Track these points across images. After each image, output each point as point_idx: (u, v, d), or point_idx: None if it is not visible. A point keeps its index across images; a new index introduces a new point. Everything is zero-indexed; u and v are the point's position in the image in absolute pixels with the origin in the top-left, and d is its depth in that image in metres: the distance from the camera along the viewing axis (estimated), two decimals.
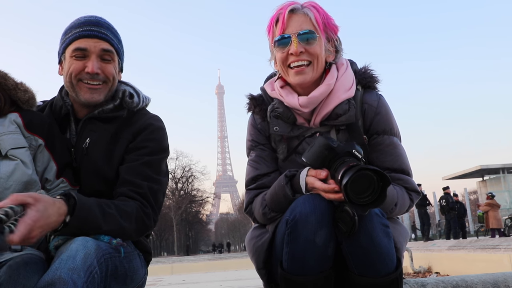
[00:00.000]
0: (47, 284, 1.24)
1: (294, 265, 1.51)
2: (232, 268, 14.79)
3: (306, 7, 1.71)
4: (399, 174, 1.73)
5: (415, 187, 1.75)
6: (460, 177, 35.94)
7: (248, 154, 1.88)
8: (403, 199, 1.70)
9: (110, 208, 1.54)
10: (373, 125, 1.75)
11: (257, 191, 1.77)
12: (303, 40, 1.67)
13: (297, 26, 1.68)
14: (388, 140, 1.75)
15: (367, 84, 1.79)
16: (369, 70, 1.81)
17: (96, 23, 1.77)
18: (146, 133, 1.77)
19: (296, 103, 1.70)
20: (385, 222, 1.51)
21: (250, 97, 1.88)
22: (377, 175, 1.38)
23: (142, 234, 1.68)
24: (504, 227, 20.58)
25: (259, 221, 1.76)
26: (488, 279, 2.02)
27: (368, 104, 1.75)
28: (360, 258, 1.49)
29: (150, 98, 1.93)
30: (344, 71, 1.75)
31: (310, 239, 1.46)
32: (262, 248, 1.68)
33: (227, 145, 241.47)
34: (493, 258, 9.84)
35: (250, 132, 1.88)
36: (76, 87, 1.74)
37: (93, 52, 1.73)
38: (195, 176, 61.63)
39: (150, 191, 1.67)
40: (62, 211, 1.37)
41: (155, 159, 1.75)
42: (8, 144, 1.56)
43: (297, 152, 1.75)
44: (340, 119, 1.70)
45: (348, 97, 1.70)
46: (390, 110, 1.80)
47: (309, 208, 1.48)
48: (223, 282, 8.79)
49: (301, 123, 1.76)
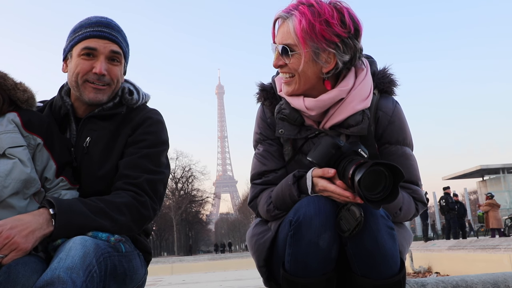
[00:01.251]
0: (46, 283, 1.23)
1: (296, 267, 1.50)
2: (232, 268, 14.79)
3: (293, 13, 1.58)
4: (409, 184, 1.72)
5: (422, 198, 1.73)
6: (460, 177, 35.96)
7: (255, 146, 1.84)
8: (409, 206, 1.68)
9: (97, 203, 1.54)
10: (385, 134, 1.71)
11: (263, 187, 1.76)
12: (282, 54, 1.62)
13: (279, 38, 1.63)
14: (401, 150, 1.71)
15: (384, 89, 1.72)
16: (388, 73, 1.73)
17: (107, 24, 1.77)
18: (145, 127, 1.77)
19: (302, 105, 1.64)
20: (390, 224, 1.50)
21: (261, 88, 1.81)
22: (389, 170, 1.37)
23: (142, 225, 1.66)
24: (504, 227, 20.58)
25: (262, 216, 1.76)
26: (488, 279, 2.02)
27: (382, 112, 1.70)
28: (364, 260, 1.48)
29: (150, 95, 1.93)
30: (362, 78, 1.66)
31: (313, 242, 1.45)
32: (264, 247, 1.68)
33: (227, 145, 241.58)
34: (493, 258, 9.85)
35: (259, 125, 1.82)
36: (81, 87, 1.74)
37: (102, 53, 1.73)
38: (195, 176, 61.67)
39: (147, 181, 1.66)
40: (39, 234, 1.42)
41: (154, 151, 1.74)
42: (6, 143, 1.56)
43: (302, 152, 1.73)
44: (351, 129, 1.64)
45: (363, 108, 1.63)
46: (404, 119, 1.75)
47: (313, 210, 1.46)
48: (223, 282, 8.79)
49: (309, 124, 1.71)
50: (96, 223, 1.49)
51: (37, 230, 1.42)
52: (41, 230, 1.43)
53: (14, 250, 1.35)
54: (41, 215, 1.46)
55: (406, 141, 1.73)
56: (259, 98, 1.81)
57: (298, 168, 1.67)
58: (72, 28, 1.81)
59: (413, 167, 1.73)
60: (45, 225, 1.44)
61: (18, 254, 1.36)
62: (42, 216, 1.46)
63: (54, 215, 1.46)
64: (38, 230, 1.42)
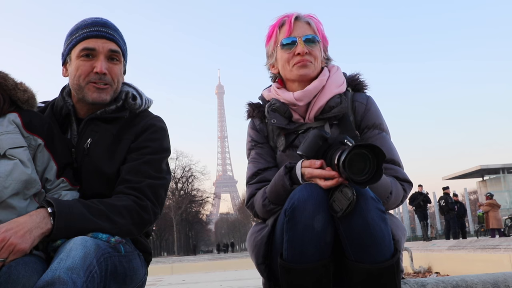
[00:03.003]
0: (46, 283, 1.23)
1: (293, 253, 1.53)
2: (232, 268, 14.79)
3: (307, 17, 1.92)
4: (390, 164, 1.81)
5: (406, 177, 1.83)
6: (460, 177, 35.98)
7: (248, 155, 1.98)
8: (397, 189, 1.75)
9: (97, 205, 1.54)
10: (364, 120, 1.88)
11: (259, 185, 1.84)
12: (307, 43, 1.85)
13: (302, 31, 1.87)
14: (379, 133, 1.86)
15: (356, 87, 1.95)
16: (358, 76, 1.97)
17: (103, 24, 1.78)
18: (148, 133, 1.78)
19: (291, 97, 1.84)
20: (381, 207, 1.53)
21: (249, 104, 2.03)
22: (371, 152, 1.44)
23: (142, 228, 1.67)
24: (504, 227, 20.58)
25: (259, 214, 1.81)
26: (488, 279, 2.02)
27: (358, 102, 1.90)
28: (356, 241, 1.51)
29: (152, 100, 1.94)
30: (335, 71, 1.93)
31: (308, 224, 1.49)
32: (262, 242, 1.71)
33: (227, 145, 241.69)
34: (493, 258, 9.84)
35: (250, 134, 1.99)
36: (84, 88, 1.75)
37: (101, 52, 1.74)
38: (195, 176, 61.57)
39: (149, 185, 1.67)
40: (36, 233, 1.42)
41: (156, 158, 1.75)
42: (6, 144, 1.56)
43: (294, 146, 1.85)
44: (333, 111, 1.82)
45: (340, 92, 1.86)
46: (378, 109, 1.93)
47: (306, 194, 1.51)
48: (223, 282, 8.79)
49: (296, 119, 1.88)
50: (96, 225, 1.49)
51: (34, 229, 1.42)
52: (38, 228, 1.42)
53: (12, 251, 1.35)
54: (38, 214, 1.46)
55: (383, 127, 1.89)
56: (248, 114, 2.03)
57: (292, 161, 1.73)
58: (68, 32, 1.81)
59: (392, 148, 1.86)
60: (42, 223, 1.44)
61: (17, 255, 1.36)
62: (39, 215, 1.46)
63: (53, 213, 1.45)
64: (35, 229, 1.42)
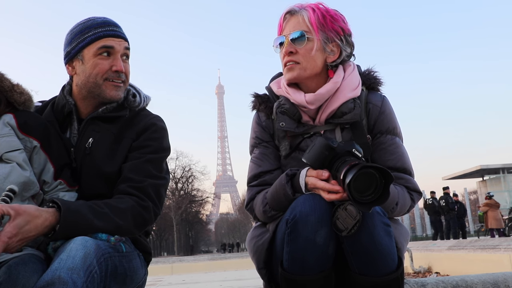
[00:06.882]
0: (46, 284, 1.23)
1: (294, 265, 1.51)
2: (232, 268, 14.77)
3: (304, 8, 1.76)
4: (401, 173, 1.75)
5: (416, 187, 1.77)
6: (460, 177, 35.90)
7: (251, 151, 1.89)
8: (404, 199, 1.71)
9: (102, 208, 1.54)
10: (377, 124, 1.79)
11: (259, 188, 1.78)
12: (293, 41, 1.74)
13: (290, 28, 1.76)
14: (391, 139, 1.78)
15: (371, 85, 1.84)
16: (373, 72, 1.86)
17: (115, 23, 1.82)
18: (149, 133, 1.80)
19: (302, 99, 1.73)
20: (387, 221, 1.51)
21: (255, 95, 1.91)
22: (379, 172, 1.38)
23: (142, 229, 1.67)
24: (504, 227, 20.56)
25: (259, 218, 1.77)
26: (488, 279, 2.02)
27: (372, 104, 1.80)
28: (361, 257, 1.49)
29: (150, 97, 1.96)
30: (350, 72, 1.80)
31: (310, 239, 1.46)
32: (263, 248, 1.69)
33: (227, 145, 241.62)
34: (493, 258, 9.83)
35: (254, 130, 1.89)
36: (102, 86, 1.77)
37: (118, 51, 1.78)
38: (195, 176, 61.65)
39: (151, 185, 1.68)
40: (48, 223, 1.41)
41: (156, 157, 1.77)
42: (2, 148, 1.55)
43: (300, 149, 1.77)
44: (345, 117, 1.73)
45: (354, 96, 1.75)
46: (393, 111, 1.84)
47: (309, 207, 1.48)
48: (223, 282, 8.78)
49: (306, 121, 1.79)
50: (99, 228, 1.49)
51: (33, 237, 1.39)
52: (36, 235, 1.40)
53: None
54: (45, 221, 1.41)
55: (396, 131, 1.81)
56: (254, 106, 1.90)
57: (295, 164, 1.71)
58: (74, 31, 1.80)
59: (404, 156, 1.78)
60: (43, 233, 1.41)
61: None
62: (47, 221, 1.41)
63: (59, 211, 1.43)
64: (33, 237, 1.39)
